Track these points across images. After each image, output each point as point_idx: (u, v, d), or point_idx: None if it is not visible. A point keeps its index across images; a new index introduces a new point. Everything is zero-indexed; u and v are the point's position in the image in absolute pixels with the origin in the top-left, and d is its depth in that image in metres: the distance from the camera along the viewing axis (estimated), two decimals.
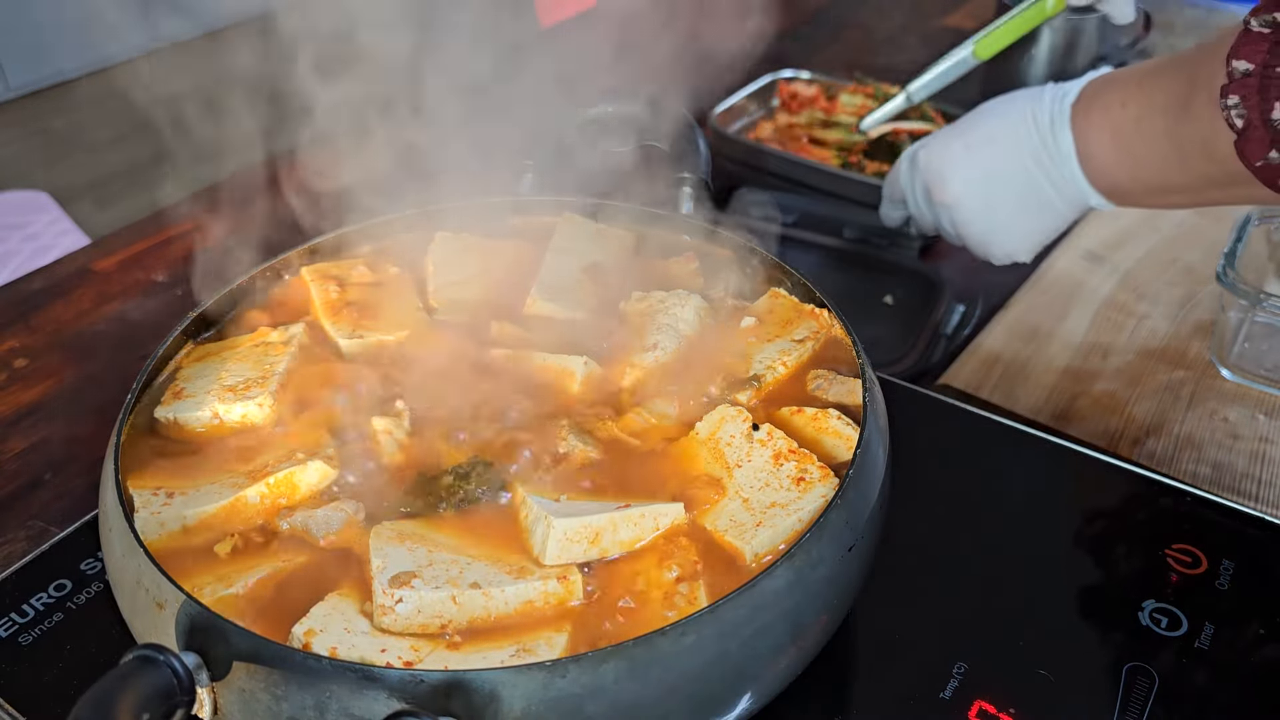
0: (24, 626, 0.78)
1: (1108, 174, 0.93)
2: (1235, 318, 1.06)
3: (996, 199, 0.99)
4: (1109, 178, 0.93)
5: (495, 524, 0.67)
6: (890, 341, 1.14)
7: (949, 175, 1.01)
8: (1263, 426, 1.02)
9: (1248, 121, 0.74)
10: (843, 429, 0.73)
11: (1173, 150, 0.84)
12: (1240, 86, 0.74)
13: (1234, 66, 0.74)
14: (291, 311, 0.86)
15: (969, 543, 0.84)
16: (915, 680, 0.74)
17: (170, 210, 1.38)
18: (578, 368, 0.78)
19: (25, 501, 0.95)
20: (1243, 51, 0.74)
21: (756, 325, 0.83)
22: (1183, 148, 0.83)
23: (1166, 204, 0.93)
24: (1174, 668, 0.75)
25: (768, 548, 0.65)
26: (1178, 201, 0.91)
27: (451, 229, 0.93)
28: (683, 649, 0.56)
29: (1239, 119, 0.75)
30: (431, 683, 0.53)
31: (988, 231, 1.02)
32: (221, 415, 0.74)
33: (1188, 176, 0.85)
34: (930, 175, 1.03)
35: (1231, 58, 0.74)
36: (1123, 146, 0.89)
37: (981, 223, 1.02)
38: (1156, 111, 0.85)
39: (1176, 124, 0.83)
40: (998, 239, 1.02)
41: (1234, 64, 0.74)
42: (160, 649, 0.53)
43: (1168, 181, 0.88)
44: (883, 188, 1.17)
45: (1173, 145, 0.84)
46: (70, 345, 1.15)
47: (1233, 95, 0.74)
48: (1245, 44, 0.74)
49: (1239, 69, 0.74)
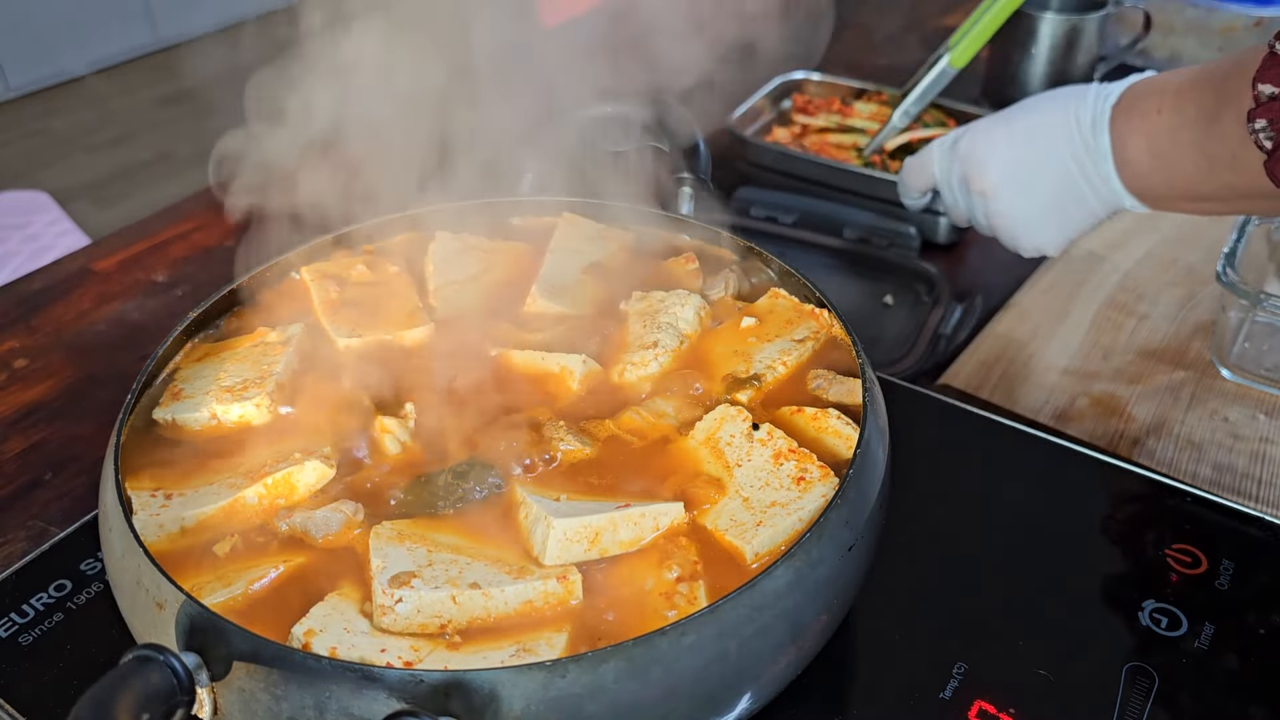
0: (24, 626, 0.78)
1: (1142, 178, 0.93)
2: (1235, 318, 1.06)
3: (1033, 192, 1.00)
4: (1143, 182, 0.93)
5: (495, 524, 0.67)
6: (890, 341, 1.15)
7: (989, 165, 1.01)
8: (1263, 426, 1.02)
9: (1276, 143, 0.76)
10: (843, 429, 0.73)
11: (1204, 162, 0.85)
12: (1267, 110, 0.76)
13: (1260, 90, 0.76)
14: (291, 312, 0.86)
15: (969, 543, 0.84)
16: (915, 680, 0.74)
17: (170, 210, 1.39)
18: (577, 367, 0.78)
19: (25, 501, 0.95)
20: (1268, 75, 0.75)
21: (756, 325, 0.83)
22: (1213, 162, 0.85)
23: (1198, 211, 0.93)
24: (1174, 668, 0.75)
25: (768, 547, 0.65)
26: (1210, 209, 0.92)
27: (451, 229, 0.93)
28: (683, 649, 0.56)
29: (1268, 141, 0.76)
30: (431, 683, 0.53)
31: (1020, 223, 1.03)
32: (220, 416, 0.74)
33: (1218, 187, 0.86)
34: (970, 164, 1.03)
35: (1258, 81, 0.76)
36: (1157, 153, 0.90)
37: (1015, 214, 1.02)
38: (1188, 123, 0.86)
39: (1206, 138, 0.84)
40: (1029, 231, 1.03)
41: (1260, 87, 0.76)
42: (160, 649, 0.53)
43: (1199, 190, 0.89)
44: (901, 173, 1.17)
45: (1204, 157, 0.85)
46: (70, 345, 1.15)
47: (1260, 119, 0.76)
48: (1271, 68, 0.75)
49: (1265, 92, 0.75)
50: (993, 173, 1.01)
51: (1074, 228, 1.01)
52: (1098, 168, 0.95)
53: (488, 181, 0.92)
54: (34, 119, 4.00)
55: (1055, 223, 1.01)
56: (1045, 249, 1.04)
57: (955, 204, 1.09)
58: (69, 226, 2.20)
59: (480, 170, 0.91)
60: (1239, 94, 0.79)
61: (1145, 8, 1.56)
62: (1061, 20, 1.51)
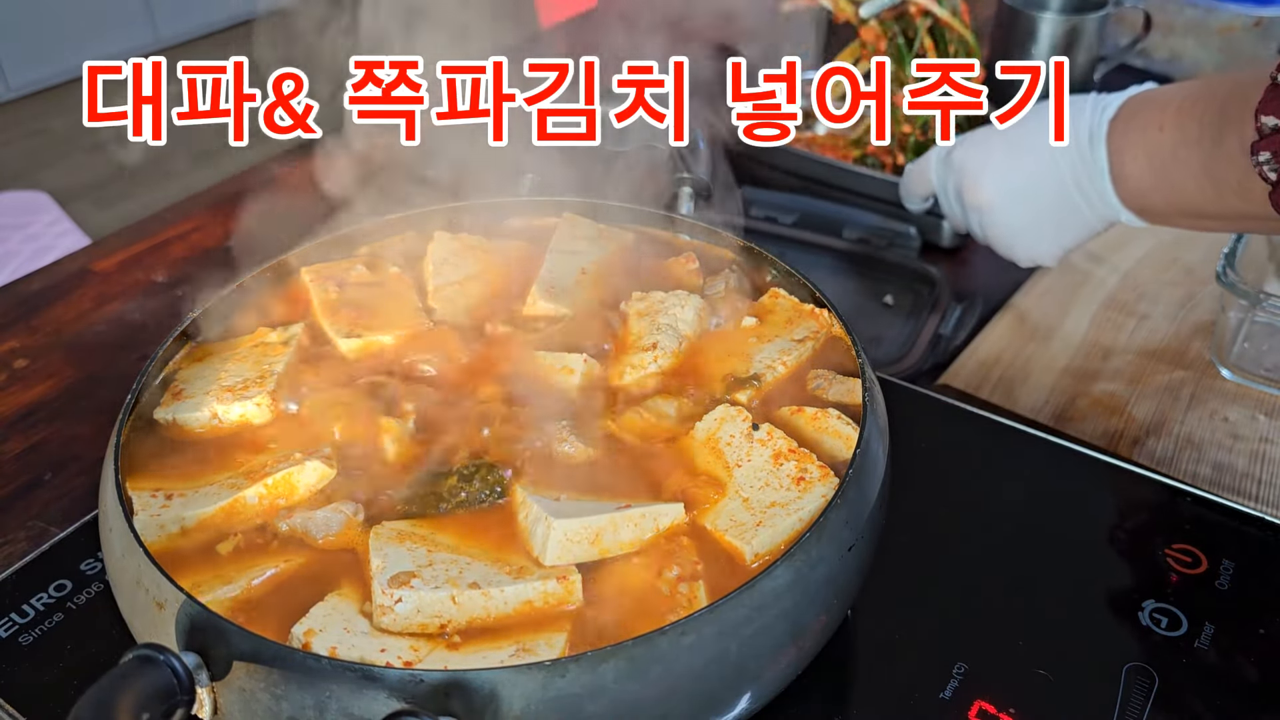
0: (24, 626, 0.78)
1: (1142, 195, 0.92)
2: (1235, 318, 1.06)
3: (1027, 206, 0.99)
4: (1142, 199, 0.92)
5: (495, 524, 0.67)
6: (890, 341, 1.15)
7: (982, 179, 1.01)
8: (1263, 426, 1.02)
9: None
10: (843, 429, 0.73)
11: (1208, 185, 0.85)
12: (1270, 143, 0.75)
13: (1263, 122, 0.75)
14: (291, 312, 0.86)
15: (969, 543, 0.84)
16: (915, 680, 0.74)
17: (170, 210, 1.39)
18: (577, 366, 0.78)
19: (25, 501, 0.95)
20: (1270, 107, 0.75)
21: (756, 325, 0.83)
22: (1218, 185, 0.84)
23: (1197, 227, 0.93)
24: (1174, 668, 0.75)
25: (768, 547, 0.65)
26: (1210, 227, 0.92)
27: (451, 229, 0.93)
28: (683, 649, 0.56)
29: (1272, 173, 0.76)
30: (431, 682, 0.53)
31: (1015, 236, 1.03)
32: (220, 416, 0.74)
33: (1222, 209, 0.86)
34: (964, 176, 1.03)
35: (1260, 113, 0.76)
36: (1159, 171, 0.89)
37: (1010, 227, 1.02)
38: (1190, 143, 0.85)
39: (1211, 162, 0.83)
40: (1024, 243, 1.03)
41: (1263, 119, 0.75)
42: (160, 649, 0.53)
43: (1202, 210, 0.88)
44: (903, 179, 1.17)
45: (1208, 180, 0.84)
46: (70, 345, 1.15)
47: (1264, 151, 0.76)
48: (1272, 99, 0.75)
49: (1268, 125, 0.75)
50: (986, 187, 1.01)
51: (1069, 239, 1.01)
52: (1093, 182, 0.94)
53: (488, 182, 0.92)
54: (34, 119, 4.01)
55: (1050, 235, 1.01)
56: (1041, 260, 1.04)
57: (953, 213, 1.10)
58: (69, 226, 2.20)
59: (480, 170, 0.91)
60: (1241, 119, 0.78)
61: (1145, 8, 1.56)
62: (1061, 20, 1.51)
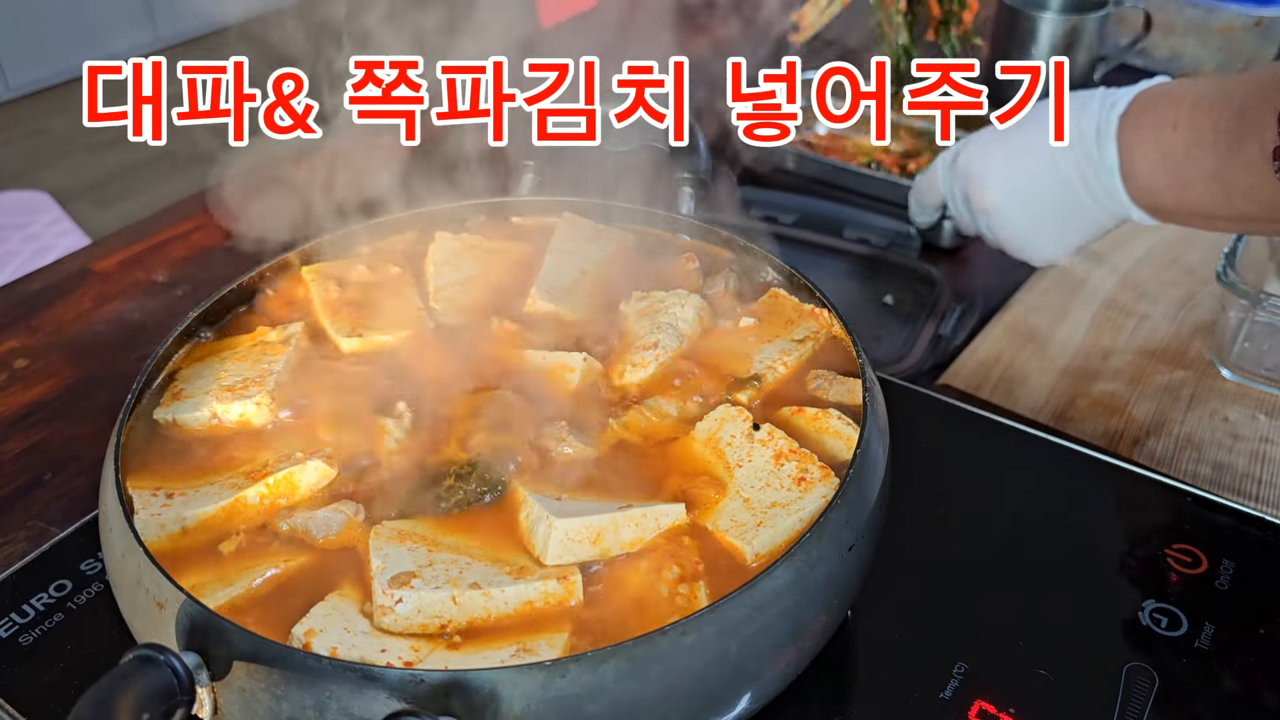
0: (24, 627, 0.78)
1: (1153, 194, 0.91)
2: (1235, 318, 1.06)
3: (1035, 207, 0.99)
4: (1153, 197, 0.91)
5: (495, 524, 0.67)
6: (890, 341, 1.15)
7: (988, 181, 1.01)
8: (1263, 426, 1.02)
9: None
10: (843, 429, 0.73)
11: (1219, 189, 0.84)
12: None
13: None
14: (291, 311, 0.86)
15: (969, 543, 0.84)
16: (915, 680, 0.74)
17: (170, 210, 1.39)
18: (577, 366, 0.78)
19: (25, 501, 0.95)
20: None
21: (756, 325, 0.83)
22: (1227, 189, 0.83)
23: (1205, 227, 0.92)
24: (1174, 668, 0.75)
25: (768, 547, 0.65)
26: (1220, 228, 0.91)
27: (451, 229, 0.93)
28: (683, 649, 0.56)
29: None
30: (431, 683, 0.53)
31: (1024, 237, 1.02)
32: (220, 415, 0.74)
33: (1229, 211, 0.85)
34: (970, 180, 1.03)
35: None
36: (1171, 170, 0.88)
37: (1018, 228, 1.02)
38: (1205, 144, 0.84)
39: (1226, 166, 0.83)
40: (1034, 244, 1.03)
41: None
42: (160, 649, 0.53)
43: (1213, 211, 0.87)
44: (912, 192, 1.17)
45: (1219, 184, 0.84)
46: (70, 345, 1.15)
47: None
48: None
49: None
50: (992, 190, 1.01)
51: (1079, 237, 1.01)
52: (1101, 180, 0.93)
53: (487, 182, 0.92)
54: (34, 119, 4.00)
55: (1059, 234, 1.01)
56: (1052, 259, 1.04)
57: (961, 217, 1.10)
58: (69, 226, 2.20)
59: (480, 170, 0.91)
60: (1259, 123, 0.77)
61: (1145, 8, 1.56)
62: (1061, 20, 1.51)
